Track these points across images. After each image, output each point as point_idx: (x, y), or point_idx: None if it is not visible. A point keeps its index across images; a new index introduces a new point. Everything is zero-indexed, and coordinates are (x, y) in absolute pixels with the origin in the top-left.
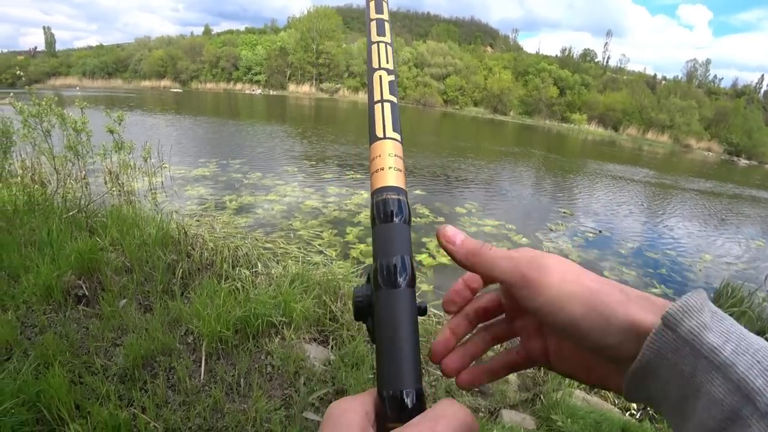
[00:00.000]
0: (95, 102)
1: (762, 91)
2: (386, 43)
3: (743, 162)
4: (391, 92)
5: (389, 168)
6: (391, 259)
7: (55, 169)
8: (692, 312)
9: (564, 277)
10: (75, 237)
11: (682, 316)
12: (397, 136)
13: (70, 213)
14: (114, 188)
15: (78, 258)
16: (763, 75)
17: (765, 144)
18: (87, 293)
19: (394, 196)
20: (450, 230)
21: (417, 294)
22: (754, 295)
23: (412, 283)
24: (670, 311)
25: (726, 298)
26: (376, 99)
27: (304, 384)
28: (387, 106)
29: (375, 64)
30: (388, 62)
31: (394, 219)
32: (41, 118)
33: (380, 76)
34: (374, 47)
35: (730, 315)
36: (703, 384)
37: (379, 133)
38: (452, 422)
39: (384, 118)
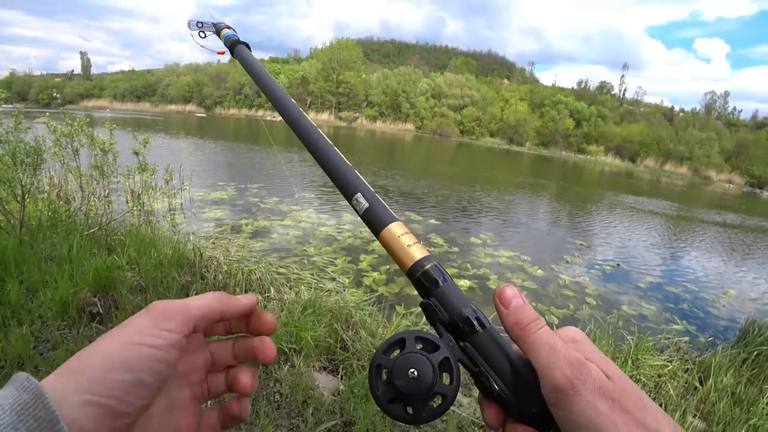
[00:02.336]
0: (123, 124)
1: None
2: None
3: (766, 194)
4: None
5: (414, 244)
6: (470, 308)
7: (80, 186)
8: None
9: (596, 406)
10: (94, 254)
11: None
12: (394, 216)
13: (91, 230)
14: (135, 208)
15: (95, 275)
16: None
17: None
18: (101, 311)
19: (429, 265)
20: (509, 292)
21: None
22: None
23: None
24: None
25: (753, 336)
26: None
27: (312, 414)
28: (371, 206)
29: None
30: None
31: (447, 280)
32: (72, 138)
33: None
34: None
35: (758, 354)
36: None
37: (382, 224)
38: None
39: (378, 213)
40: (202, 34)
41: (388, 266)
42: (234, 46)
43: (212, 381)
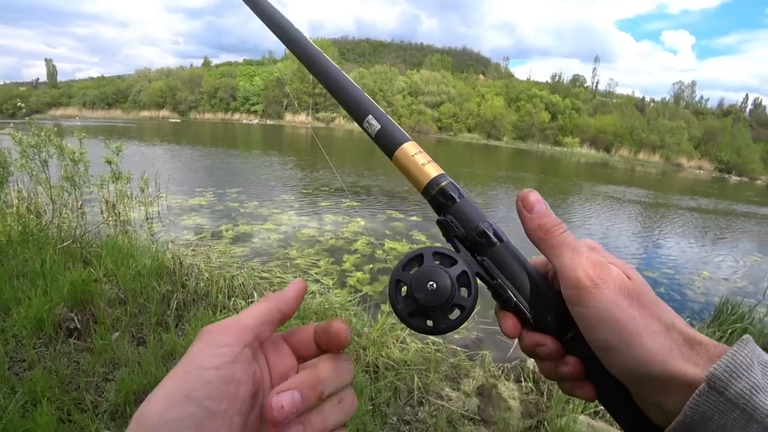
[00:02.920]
0: (94, 132)
1: (747, 109)
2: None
3: (734, 179)
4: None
5: (428, 162)
6: (487, 222)
7: (51, 199)
8: (741, 371)
9: (617, 302)
10: (69, 268)
11: (730, 378)
12: (407, 136)
13: (65, 243)
14: (110, 218)
15: (71, 290)
16: (747, 95)
17: (754, 161)
18: (79, 326)
19: (445, 182)
20: (533, 197)
21: None
22: (755, 311)
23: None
24: (716, 371)
25: (727, 315)
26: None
27: None
28: (383, 127)
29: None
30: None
31: (463, 196)
32: (39, 149)
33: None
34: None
35: (732, 332)
36: None
37: (395, 145)
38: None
39: (391, 133)
40: None
41: (371, 265)
42: None
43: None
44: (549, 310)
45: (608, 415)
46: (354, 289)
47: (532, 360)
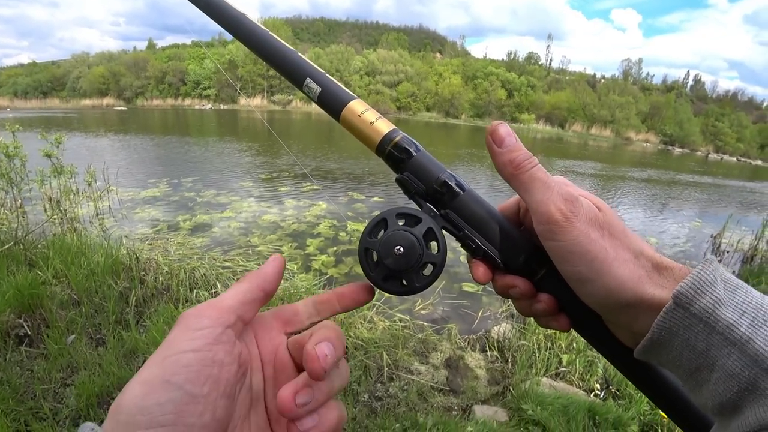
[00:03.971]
0: (30, 124)
1: (689, 85)
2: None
3: (677, 150)
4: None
5: (378, 119)
6: (447, 173)
7: None
8: (705, 288)
9: (588, 233)
10: (12, 272)
11: (695, 294)
12: (352, 94)
13: (6, 246)
14: (55, 216)
15: (16, 295)
16: (688, 71)
17: (695, 133)
18: (29, 332)
19: (398, 137)
20: (502, 130)
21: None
22: None
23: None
24: (682, 289)
25: None
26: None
27: None
28: (324, 90)
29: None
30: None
31: (420, 149)
32: None
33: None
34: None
35: None
36: (718, 358)
37: (340, 105)
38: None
39: (334, 94)
40: None
41: (335, 248)
42: None
43: None
44: (518, 253)
45: (568, 375)
46: (319, 273)
47: (497, 329)
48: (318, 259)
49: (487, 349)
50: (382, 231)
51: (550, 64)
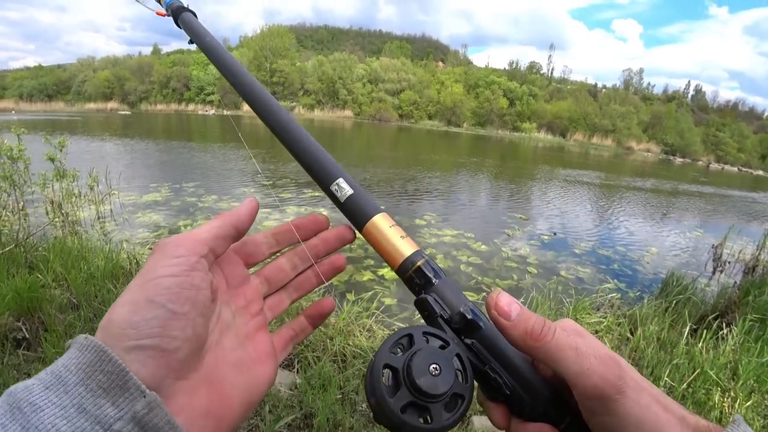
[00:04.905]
0: (34, 127)
1: (689, 95)
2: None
3: (678, 160)
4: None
5: (403, 237)
6: (469, 303)
7: None
8: None
9: (639, 401)
10: (12, 274)
11: None
12: (379, 207)
13: (7, 248)
14: (57, 219)
15: (16, 297)
16: (689, 81)
17: (695, 143)
18: (27, 336)
19: (421, 261)
20: (504, 299)
21: (381, 308)
22: (697, 282)
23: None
24: None
25: (672, 287)
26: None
27: (270, 412)
28: (356, 193)
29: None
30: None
31: (441, 276)
32: None
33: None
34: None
35: (677, 302)
36: None
37: (367, 216)
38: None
39: (363, 201)
40: None
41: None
42: (179, 12)
43: (274, 303)
44: (543, 397)
45: None
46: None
47: None
48: None
49: None
50: (403, 349)
51: (551, 73)
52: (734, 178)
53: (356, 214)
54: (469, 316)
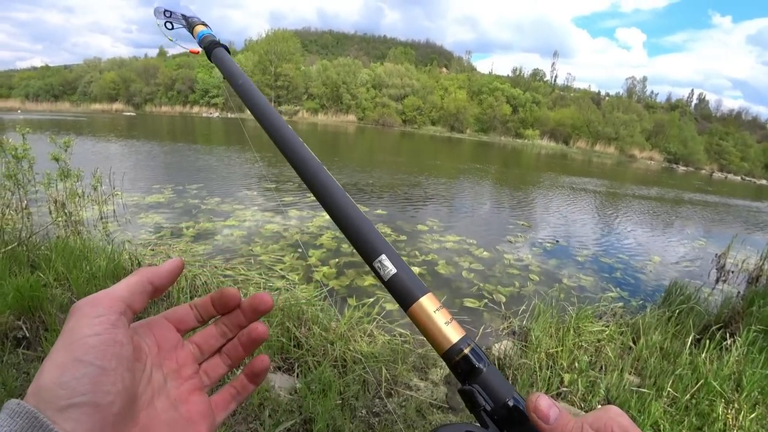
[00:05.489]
0: (40, 127)
1: (693, 104)
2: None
3: (682, 168)
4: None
5: (450, 322)
6: (516, 395)
7: None
8: None
9: None
10: (14, 273)
11: None
12: (425, 286)
13: (9, 247)
14: (60, 218)
15: (17, 296)
16: (692, 90)
17: (699, 152)
18: (28, 335)
19: (468, 349)
20: (543, 403)
21: (382, 313)
22: (700, 291)
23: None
24: None
25: (675, 296)
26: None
27: (270, 416)
28: (399, 272)
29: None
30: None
31: (488, 366)
32: None
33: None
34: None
35: (680, 312)
36: None
37: (413, 297)
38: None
39: (408, 281)
40: (169, 25)
41: (337, 260)
42: (212, 47)
43: (210, 367)
44: None
45: (570, 395)
46: (320, 284)
47: (498, 346)
48: (320, 270)
49: None
50: None
51: (555, 80)
52: (737, 187)
53: (401, 293)
54: (512, 407)
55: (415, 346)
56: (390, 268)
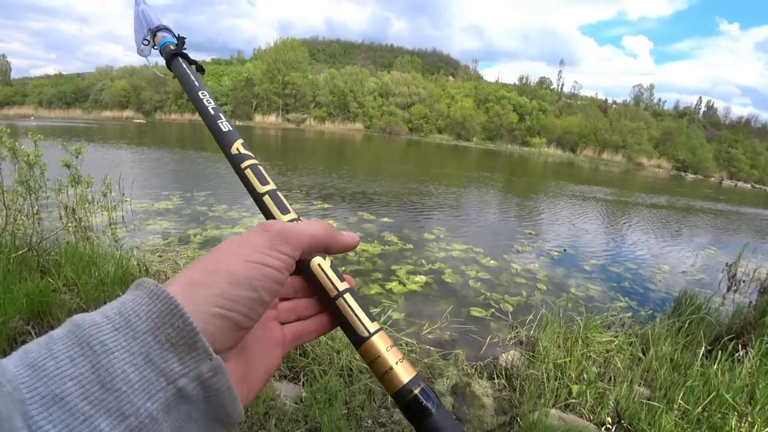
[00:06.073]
0: (52, 133)
1: (701, 111)
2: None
3: (690, 176)
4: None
5: (400, 361)
6: None
7: (4, 204)
8: None
9: None
10: (24, 278)
11: None
12: (377, 325)
13: (20, 252)
14: (69, 224)
15: (27, 301)
16: (700, 97)
17: (707, 159)
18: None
19: (418, 389)
20: None
21: (389, 323)
22: (711, 301)
23: None
24: None
25: (685, 307)
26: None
27: (276, 425)
28: (351, 300)
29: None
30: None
31: (438, 407)
32: None
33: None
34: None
35: (690, 322)
36: None
37: (364, 333)
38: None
39: (358, 314)
40: (146, 42)
41: (343, 268)
42: (170, 58)
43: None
44: None
45: (578, 407)
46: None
47: (505, 356)
48: None
49: (495, 376)
50: None
51: (561, 88)
52: (747, 195)
53: (353, 332)
54: None
55: (421, 355)
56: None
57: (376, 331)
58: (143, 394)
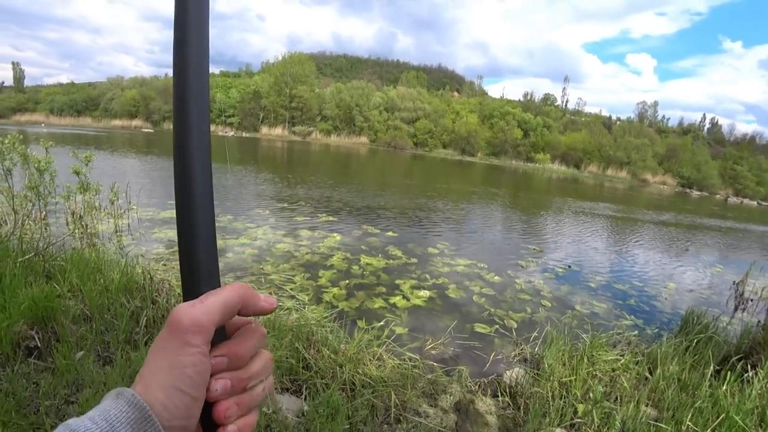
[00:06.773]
0: (62, 140)
1: (705, 128)
2: None
3: (696, 193)
4: None
5: None
6: None
7: (13, 209)
8: None
9: None
10: (30, 283)
11: None
12: None
13: (27, 256)
14: (76, 230)
15: (32, 306)
16: (704, 114)
17: (713, 176)
18: (39, 345)
19: None
20: None
21: (392, 337)
22: (719, 320)
23: None
24: None
25: (692, 325)
26: None
27: None
28: None
29: None
30: None
31: None
32: (3, 156)
33: None
34: None
35: (698, 341)
36: None
37: None
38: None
39: None
40: None
41: (347, 281)
42: None
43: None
44: None
45: (584, 427)
46: (330, 305)
47: (509, 374)
48: (330, 291)
49: (499, 394)
50: None
51: (566, 105)
52: (754, 212)
53: None
54: None
55: (424, 371)
56: None
57: None
58: None
